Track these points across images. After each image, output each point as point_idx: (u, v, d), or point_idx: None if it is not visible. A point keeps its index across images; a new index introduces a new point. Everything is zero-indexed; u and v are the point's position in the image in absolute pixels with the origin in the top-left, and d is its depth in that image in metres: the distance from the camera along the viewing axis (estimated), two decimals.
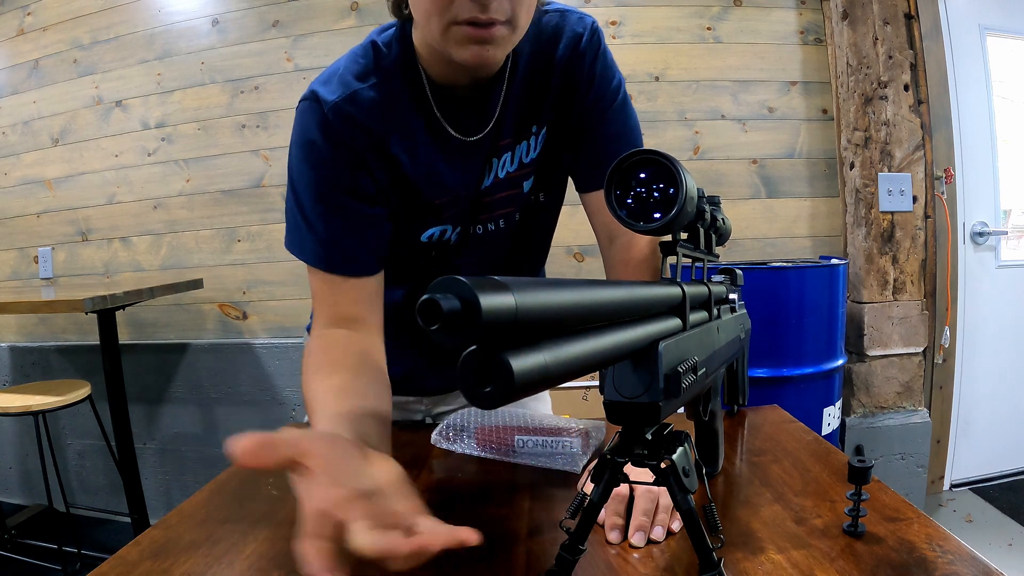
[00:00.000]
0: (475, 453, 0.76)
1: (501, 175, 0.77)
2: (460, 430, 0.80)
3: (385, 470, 0.44)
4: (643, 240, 0.78)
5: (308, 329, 0.78)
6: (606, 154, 0.77)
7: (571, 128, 0.78)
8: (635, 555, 0.52)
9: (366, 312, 0.71)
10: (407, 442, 0.84)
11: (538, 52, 0.74)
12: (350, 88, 0.68)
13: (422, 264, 0.81)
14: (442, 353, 0.84)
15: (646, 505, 0.55)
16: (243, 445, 0.37)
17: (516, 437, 0.76)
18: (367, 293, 0.71)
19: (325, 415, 0.55)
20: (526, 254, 0.89)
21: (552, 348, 0.25)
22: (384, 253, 0.74)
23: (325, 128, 0.68)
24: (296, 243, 0.72)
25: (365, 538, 0.36)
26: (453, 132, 0.73)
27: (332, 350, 0.66)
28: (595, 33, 0.75)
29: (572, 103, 0.76)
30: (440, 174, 0.74)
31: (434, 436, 0.80)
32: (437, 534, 0.38)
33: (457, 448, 0.77)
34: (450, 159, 0.74)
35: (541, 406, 1.01)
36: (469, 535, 0.38)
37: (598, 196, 0.78)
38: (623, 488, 0.56)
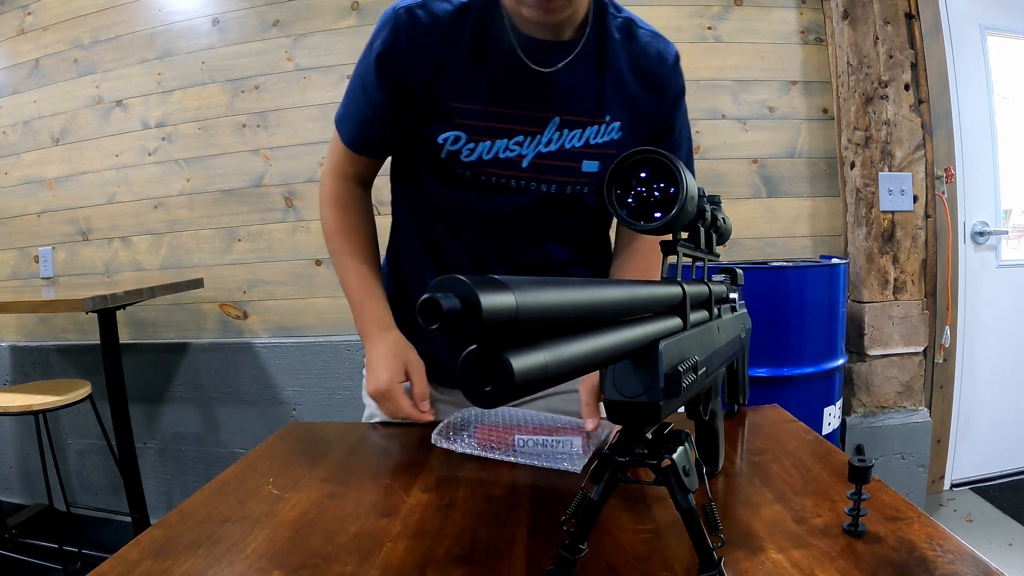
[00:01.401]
0: (475, 453, 0.76)
1: (567, 146, 0.85)
2: (460, 429, 0.80)
3: (413, 358, 0.87)
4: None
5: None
6: None
7: (643, 141, 0.88)
8: (635, 555, 0.52)
9: (369, 176, 0.95)
10: (407, 442, 0.84)
11: (623, 44, 0.85)
12: None
13: (486, 211, 0.88)
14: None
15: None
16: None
17: (516, 437, 0.76)
18: (374, 166, 0.94)
19: (369, 301, 0.90)
20: (581, 233, 0.96)
21: (552, 347, 0.25)
22: (394, 142, 0.90)
23: (392, 28, 0.80)
24: (338, 117, 0.90)
25: (408, 410, 0.83)
26: (523, 56, 0.81)
27: (352, 214, 0.93)
28: (679, 66, 0.90)
29: (644, 116, 0.88)
30: (487, 86, 0.82)
31: (434, 435, 0.80)
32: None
33: (457, 447, 0.77)
34: (504, 79, 0.82)
35: None
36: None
37: None
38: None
